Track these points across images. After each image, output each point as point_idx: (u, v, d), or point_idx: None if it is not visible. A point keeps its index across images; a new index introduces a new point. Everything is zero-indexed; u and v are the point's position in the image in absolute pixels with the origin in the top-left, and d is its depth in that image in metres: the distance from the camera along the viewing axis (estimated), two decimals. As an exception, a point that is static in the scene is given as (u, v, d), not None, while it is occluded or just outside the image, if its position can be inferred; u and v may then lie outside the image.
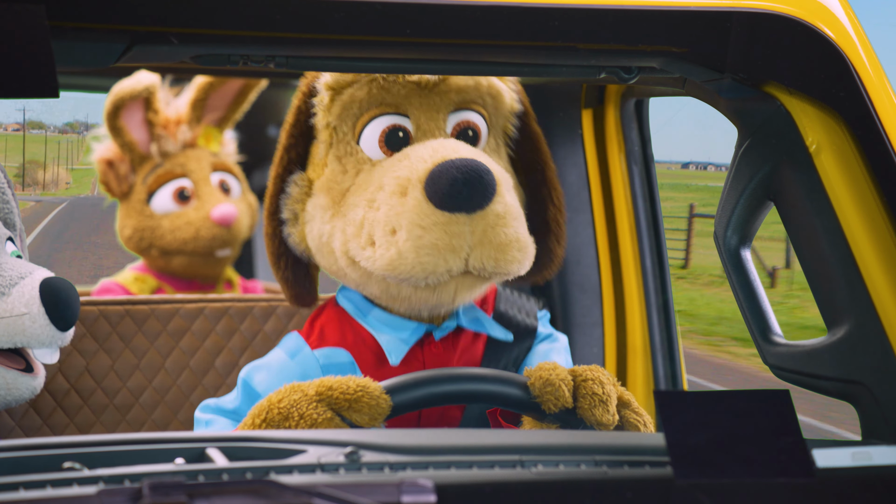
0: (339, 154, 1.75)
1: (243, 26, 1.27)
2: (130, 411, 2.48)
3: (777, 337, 1.45)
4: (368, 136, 1.73)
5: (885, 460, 1.26)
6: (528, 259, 1.68)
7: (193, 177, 3.22)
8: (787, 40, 1.35)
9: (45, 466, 1.10)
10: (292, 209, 1.80)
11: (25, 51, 1.10)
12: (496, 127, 1.82)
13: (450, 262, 1.59)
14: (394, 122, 1.73)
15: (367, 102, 1.73)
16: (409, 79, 1.72)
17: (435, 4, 1.28)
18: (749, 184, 1.44)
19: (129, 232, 3.25)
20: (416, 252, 1.58)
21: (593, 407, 1.53)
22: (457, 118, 1.76)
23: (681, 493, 1.17)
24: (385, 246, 1.61)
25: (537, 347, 1.87)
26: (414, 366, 1.76)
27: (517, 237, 1.64)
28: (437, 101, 1.74)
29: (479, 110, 1.78)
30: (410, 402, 1.49)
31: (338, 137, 1.76)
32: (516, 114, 1.86)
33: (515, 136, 1.87)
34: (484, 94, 1.78)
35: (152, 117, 3.15)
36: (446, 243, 1.57)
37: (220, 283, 3.38)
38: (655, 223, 2.54)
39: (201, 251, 3.21)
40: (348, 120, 1.75)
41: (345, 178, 1.74)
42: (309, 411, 1.44)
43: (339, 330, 1.79)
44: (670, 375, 2.51)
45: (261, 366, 1.78)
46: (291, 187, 1.80)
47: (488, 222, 1.59)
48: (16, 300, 1.88)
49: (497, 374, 1.56)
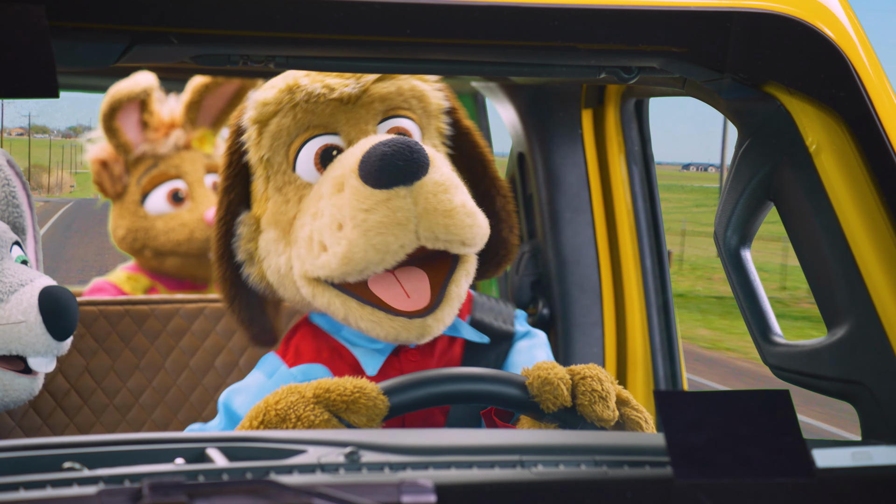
0: (278, 185, 1.75)
1: (243, 26, 1.27)
2: (130, 411, 2.48)
3: (777, 337, 1.45)
4: (303, 160, 1.73)
5: (885, 460, 1.26)
6: (479, 226, 1.66)
7: (188, 178, 3.22)
8: (787, 40, 1.35)
9: (45, 466, 1.10)
10: (246, 249, 1.80)
11: (25, 51, 1.10)
12: (429, 128, 1.82)
13: (400, 238, 1.58)
14: (326, 142, 1.73)
15: (294, 129, 1.73)
16: (330, 97, 1.72)
17: (435, 4, 1.28)
18: (749, 184, 1.44)
19: (122, 232, 3.25)
20: (365, 236, 1.57)
21: (593, 403, 1.53)
22: (387, 126, 1.76)
23: (681, 493, 1.17)
24: (335, 243, 1.61)
25: (517, 345, 1.87)
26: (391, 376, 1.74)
27: (462, 203, 1.63)
28: (363, 114, 1.74)
29: (407, 115, 1.78)
30: (408, 403, 1.48)
31: (273, 169, 1.76)
32: (445, 111, 1.86)
33: (449, 132, 1.87)
34: (408, 97, 1.78)
35: (148, 119, 3.16)
36: (391, 219, 1.57)
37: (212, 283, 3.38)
38: (655, 223, 2.54)
39: (195, 252, 3.21)
40: (280, 150, 1.74)
41: (288, 207, 1.74)
42: (306, 413, 1.44)
43: (315, 346, 1.79)
44: (670, 375, 2.51)
45: (240, 388, 1.78)
46: (240, 228, 1.80)
47: (429, 190, 1.58)
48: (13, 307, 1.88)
49: (495, 374, 1.56)
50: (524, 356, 1.84)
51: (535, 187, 2.56)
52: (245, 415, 1.72)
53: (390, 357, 1.76)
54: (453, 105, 1.89)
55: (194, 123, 3.25)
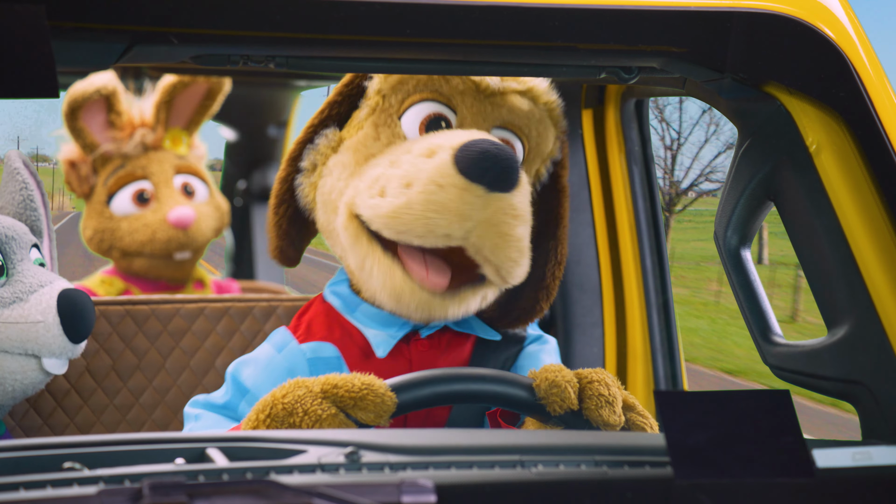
0: (377, 122, 1.76)
1: (243, 26, 1.27)
2: (130, 411, 2.48)
3: (777, 337, 1.45)
4: (411, 116, 1.74)
5: (885, 460, 1.26)
6: (521, 266, 1.66)
7: (154, 179, 3.20)
8: (787, 40, 1.35)
9: (46, 466, 1.10)
10: (313, 160, 1.80)
11: (25, 51, 1.10)
12: (530, 162, 1.81)
13: (452, 227, 1.57)
14: (440, 111, 1.74)
15: (423, 84, 1.74)
16: (472, 78, 1.72)
17: (435, 4, 1.28)
18: (749, 184, 1.44)
19: (90, 233, 3.25)
20: (425, 205, 1.57)
21: (600, 408, 1.53)
22: (499, 134, 1.75)
23: (681, 493, 1.17)
24: (396, 195, 1.61)
25: (527, 349, 1.87)
26: (399, 361, 1.76)
27: (521, 238, 1.64)
28: (488, 110, 1.74)
29: (521, 138, 1.78)
30: (415, 401, 1.48)
31: (383, 106, 1.76)
32: (553, 160, 1.86)
33: (545, 181, 1.86)
34: (532, 124, 1.77)
35: (115, 119, 3.14)
36: (456, 207, 1.56)
37: (188, 283, 3.38)
38: (655, 223, 2.54)
39: (159, 253, 3.20)
40: (399, 94, 1.75)
41: (375, 144, 1.74)
42: (313, 407, 1.44)
43: (327, 325, 1.80)
44: (670, 375, 2.51)
45: (248, 360, 1.78)
46: (321, 139, 1.81)
47: (502, 207, 1.59)
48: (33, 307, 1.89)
49: (503, 375, 1.55)
50: (532, 361, 1.84)
51: (536, 187, 2.56)
52: (252, 386, 1.73)
53: (400, 343, 1.76)
54: (563, 160, 1.88)
55: (166, 124, 3.23)
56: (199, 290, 3.41)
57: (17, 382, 1.93)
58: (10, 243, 1.95)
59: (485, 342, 1.83)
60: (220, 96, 3.31)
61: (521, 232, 1.63)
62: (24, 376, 1.93)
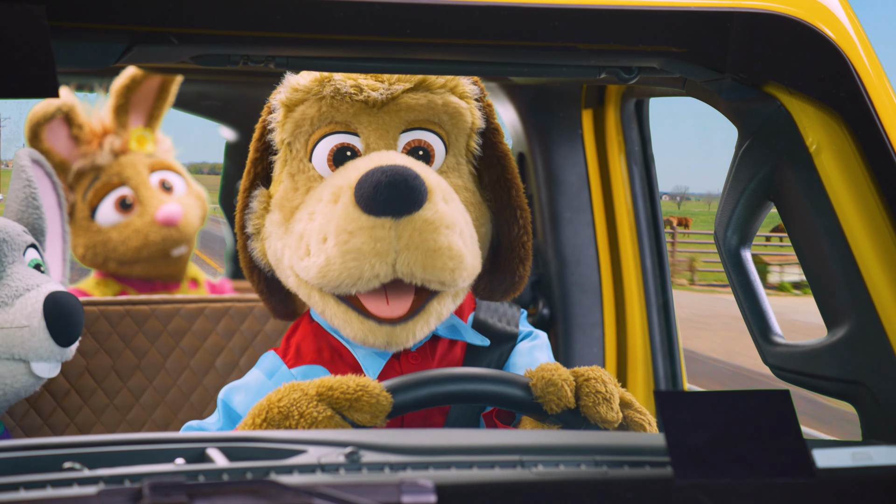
0: (292, 171, 1.75)
1: (243, 26, 1.27)
2: (131, 411, 2.48)
3: (777, 337, 1.45)
4: (319, 154, 1.73)
5: (885, 460, 1.26)
6: (464, 269, 1.64)
7: (131, 183, 3.20)
8: (787, 40, 1.35)
9: (46, 466, 1.10)
10: (255, 224, 1.80)
11: (25, 51, 1.10)
12: (457, 145, 1.79)
13: (376, 268, 1.57)
14: (343, 140, 1.72)
15: (317, 120, 1.72)
16: (357, 98, 1.71)
17: (435, 4, 1.28)
18: (749, 184, 1.44)
19: (81, 250, 3.24)
20: (343, 257, 1.57)
21: (597, 405, 1.53)
22: (408, 137, 1.74)
23: (681, 493, 1.17)
24: (317, 253, 1.61)
25: (518, 346, 1.86)
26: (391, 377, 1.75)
27: (448, 245, 1.61)
28: (386, 121, 1.72)
29: (434, 129, 1.75)
30: (411, 402, 1.48)
31: (291, 154, 1.76)
32: (479, 131, 1.82)
33: (479, 153, 1.84)
34: (440, 113, 1.75)
35: (77, 132, 3.14)
36: (371, 247, 1.56)
37: (183, 281, 3.38)
38: (655, 223, 2.54)
39: (156, 255, 3.21)
40: (301, 137, 1.74)
41: (296, 195, 1.74)
42: (309, 410, 1.44)
43: (315, 346, 1.79)
44: (670, 375, 2.51)
45: (239, 387, 1.78)
46: (254, 202, 1.80)
47: (415, 227, 1.57)
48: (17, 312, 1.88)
49: (499, 375, 1.55)
50: (525, 358, 1.83)
51: (536, 187, 2.56)
52: (244, 413, 1.72)
53: (391, 360, 1.76)
54: (492, 126, 1.86)
55: (126, 126, 3.23)
56: (194, 289, 3.41)
57: (7, 387, 1.93)
58: (1, 246, 1.94)
59: (475, 347, 1.83)
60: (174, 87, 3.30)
61: (446, 239, 1.61)
62: (15, 380, 1.92)
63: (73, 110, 3.10)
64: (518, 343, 1.87)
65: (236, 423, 1.73)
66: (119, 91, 3.18)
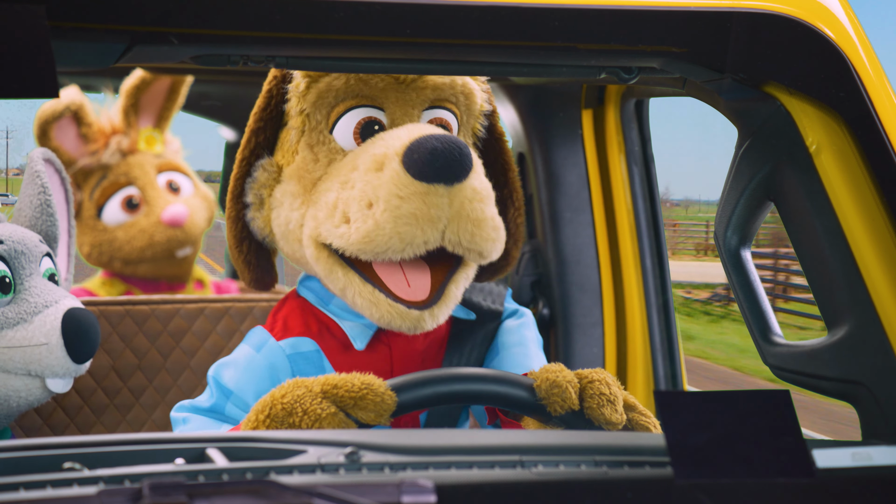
0: (311, 142, 1.75)
1: (243, 26, 1.27)
2: (131, 411, 2.48)
3: (777, 337, 1.45)
4: (343, 126, 1.72)
5: (885, 460, 1.26)
6: (501, 242, 1.67)
7: (139, 183, 3.21)
8: (787, 40, 1.35)
9: (45, 466, 1.10)
10: (258, 193, 1.79)
11: (25, 51, 1.10)
12: (466, 126, 1.83)
13: (427, 233, 1.58)
14: (369, 114, 1.72)
15: (343, 93, 1.72)
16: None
17: (435, 4, 1.28)
18: (749, 184, 1.44)
19: (87, 249, 3.25)
20: (395, 222, 1.57)
21: (601, 406, 1.53)
22: (430, 115, 1.76)
23: (681, 493, 1.17)
24: (361, 219, 1.61)
25: (505, 323, 1.88)
26: (379, 349, 1.77)
27: (493, 216, 1.64)
28: (413, 97, 1.73)
29: (452, 108, 1.78)
30: (416, 401, 1.48)
31: (311, 125, 1.75)
32: (485, 113, 1.86)
33: (483, 135, 1.87)
34: (458, 92, 1.78)
35: (86, 131, 3.14)
36: (424, 213, 1.57)
37: (189, 282, 3.39)
38: (655, 223, 2.54)
39: (161, 255, 3.21)
40: (323, 109, 1.74)
41: (316, 166, 1.73)
42: (313, 406, 1.44)
43: (303, 319, 1.80)
44: (670, 375, 2.51)
45: (228, 362, 1.78)
46: (259, 172, 1.79)
47: (466, 195, 1.59)
48: (36, 329, 1.88)
49: (503, 376, 1.56)
50: (513, 336, 1.85)
51: (535, 187, 2.56)
52: (234, 388, 1.73)
53: (378, 332, 1.77)
54: (493, 109, 1.89)
55: (135, 126, 3.23)
56: (199, 290, 3.41)
57: (21, 400, 1.93)
58: (20, 258, 1.94)
59: (461, 320, 1.84)
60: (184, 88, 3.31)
61: (491, 210, 1.64)
62: (29, 394, 1.92)
63: (83, 109, 3.10)
64: (504, 321, 1.88)
65: (228, 397, 1.74)
66: (129, 91, 3.18)
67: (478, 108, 1.83)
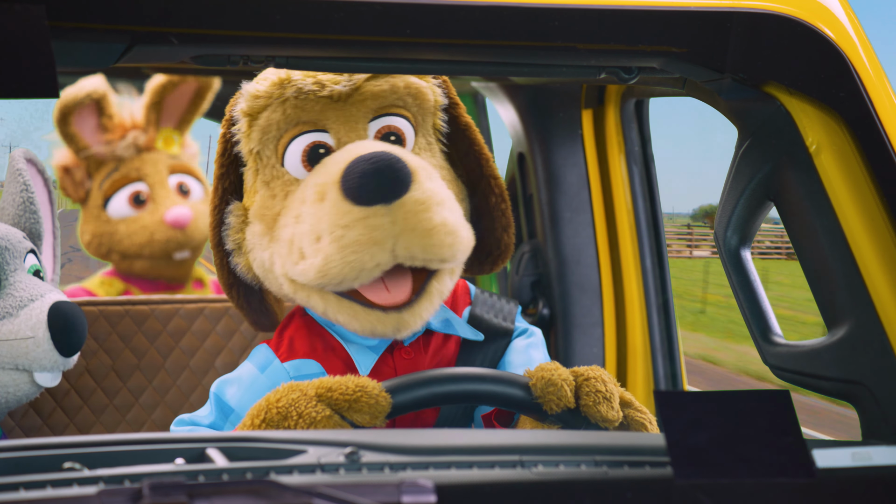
0: (266, 179, 1.75)
1: (243, 26, 1.27)
2: (130, 411, 2.48)
3: (777, 337, 1.45)
4: (291, 156, 1.72)
5: (885, 460, 1.26)
6: (461, 243, 1.65)
7: (149, 180, 3.21)
8: (787, 40, 1.35)
9: (45, 466, 1.10)
10: (234, 240, 1.80)
11: (25, 51, 1.10)
12: (424, 125, 1.81)
13: (376, 257, 1.57)
14: (314, 139, 1.71)
15: (283, 123, 1.72)
16: (321, 94, 1.71)
17: (435, 4, 1.28)
18: (749, 184, 1.44)
19: (88, 237, 3.25)
20: (342, 252, 1.57)
21: (598, 404, 1.53)
22: (378, 125, 1.74)
23: (681, 493, 1.17)
24: (313, 254, 1.61)
25: (514, 343, 1.86)
26: (385, 373, 1.75)
27: (443, 221, 1.62)
28: (353, 112, 1.72)
29: (401, 113, 1.76)
30: (410, 402, 1.48)
31: (262, 163, 1.75)
32: (442, 108, 1.84)
33: (446, 130, 1.85)
34: (403, 95, 1.76)
35: (107, 122, 3.14)
36: (368, 237, 1.56)
37: (188, 283, 3.39)
38: (655, 223, 2.54)
39: (158, 254, 3.21)
40: (270, 143, 1.73)
41: (274, 202, 1.73)
42: (308, 410, 1.44)
43: (308, 340, 1.79)
44: (670, 375, 2.51)
45: (232, 380, 1.78)
46: (230, 218, 1.80)
47: (408, 209, 1.58)
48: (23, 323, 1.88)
49: (499, 375, 1.55)
50: (521, 356, 1.83)
51: (535, 187, 2.56)
52: (236, 406, 1.72)
53: (384, 354, 1.76)
54: (453, 101, 1.87)
55: (157, 124, 3.23)
56: (199, 290, 3.41)
57: (9, 395, 1.93)
58: (4, 254, 1.94)
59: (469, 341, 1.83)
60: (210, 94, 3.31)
61: (440, 216, 1.62)
62: (17, 389, 1.92)
63: (105, 99, 3.11)
64: (514, 340, 1.86)
65: (228, 416, 1.74)
66: (155, 90, 3.19)
67: (432, 105, 1.81)
